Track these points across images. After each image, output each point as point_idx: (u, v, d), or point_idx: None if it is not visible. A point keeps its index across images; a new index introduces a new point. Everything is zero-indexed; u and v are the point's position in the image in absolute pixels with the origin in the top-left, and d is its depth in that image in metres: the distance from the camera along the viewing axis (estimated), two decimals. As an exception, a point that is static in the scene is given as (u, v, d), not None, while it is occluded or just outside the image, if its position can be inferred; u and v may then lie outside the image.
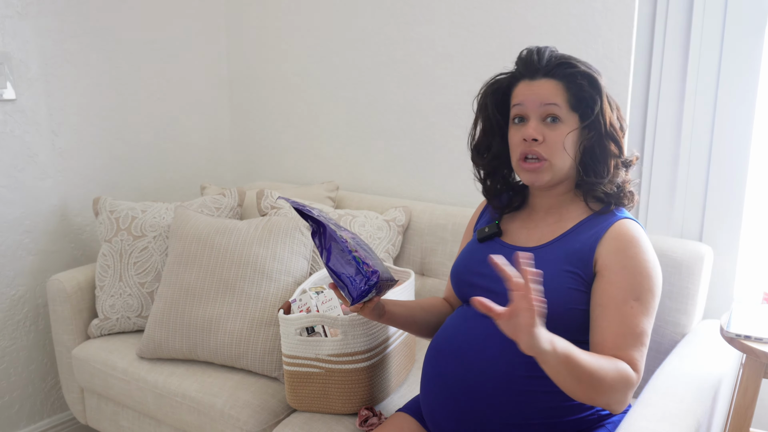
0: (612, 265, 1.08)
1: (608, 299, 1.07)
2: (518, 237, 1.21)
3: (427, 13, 1.97)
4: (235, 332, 1.59)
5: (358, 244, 1.14)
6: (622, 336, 1.05)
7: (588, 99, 1.11)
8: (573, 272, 1.10)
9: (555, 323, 1.07)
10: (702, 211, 1.64)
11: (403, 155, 2.12)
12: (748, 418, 1.26)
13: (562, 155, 1.12)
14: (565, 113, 1.11)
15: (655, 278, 1.09)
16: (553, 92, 1.11)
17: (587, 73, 1.11)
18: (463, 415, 1.13)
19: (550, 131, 1.11)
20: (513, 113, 1.16)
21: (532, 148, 1.12)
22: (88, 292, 1.88)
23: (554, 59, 1.13)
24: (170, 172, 2.38)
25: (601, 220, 1.14)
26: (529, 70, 1.14)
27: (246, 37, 2.43)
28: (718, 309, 1.64)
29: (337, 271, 1.12)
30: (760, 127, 1.56)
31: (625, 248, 1.09)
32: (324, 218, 1.14)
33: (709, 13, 1.55)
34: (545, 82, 1.12)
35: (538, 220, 1.21)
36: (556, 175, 1.14)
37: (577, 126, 1.12)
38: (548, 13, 1.75)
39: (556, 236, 1.16)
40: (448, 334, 1.19)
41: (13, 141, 1.90)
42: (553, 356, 0.93)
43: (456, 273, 1.26)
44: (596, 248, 1.10)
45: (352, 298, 1.11)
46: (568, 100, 1.11)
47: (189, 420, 1.59)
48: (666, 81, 1.63)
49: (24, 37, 1.89)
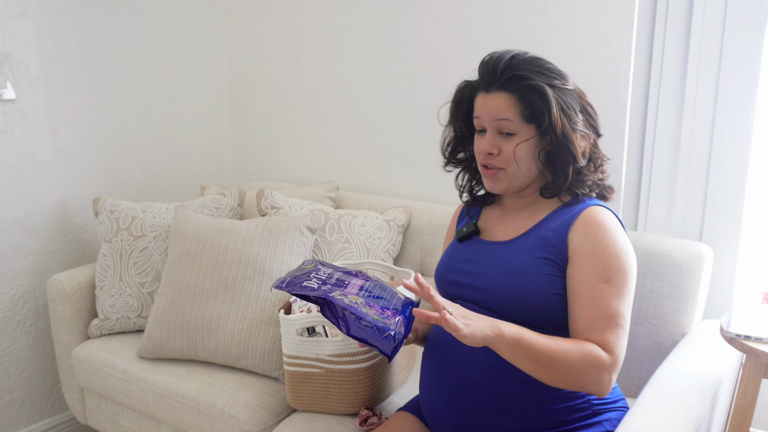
0: (581, 250, 1.11)
1: (579, 283, 1.10)
2: (495, 233, 1.26)
3: (427, 13, 1.97)
4: (236, 332, 1.59)
5: (369, 293, 1.10)
6: (594, 318, 1.08)
7: (537, 111, 1.13)
8: (547, 258, 1.13)
9: (537, 310, 1.12)
10: (702, 211, 1.64)
11: (403, 155, 2.12)
12: (748, 418, 1.26)
13: (514, 166, 1.16)
14: (518, 126, 1.14)
15: (626, 260, 1.12)
16: (505, 107, 1.14)
17: (537, 86, 1.12)
18: (461, 404, 1.16)
19: (504, 143, 1.16)
20: (474, 123, 1.21)
21: (488, 160, 1.18)
22: (88, 292, 1.88)
23: (507, 71, 1.14)
24: (170, 172, 2.38)
25: (573, 209, 1.18)
26: (485, 82, 1.17)
27: (246, 38, 2.43)
28: (718, 309, 1.64)
29: (362, 338, 1.06)
30: (760, 127, 1.56)
31: (594, 233, 1.12)
32: (326, 288, 1.09)
33: (709, 13, 1.55)
34: (498, 96, 1.15)
35: (512, 216, 1.25)
36: (513, 182, 1.19)
37: (533, 135, 1.15)
38: (548, 13, 1.75)
39: (530, 227, 1.20)
40: (441, 332, 1.22)
41: (13, 141, 1.90)
42: (501, 342, 1.01)
43: (439, 273, 1.29)
44: (568, 234, 1.14)
45: (389, 356, 1.06)
46: (521, 113, 1.14)
47: (189, 420, 1.59)
48: (666, 81, 1.63)
49: (24, 37, 1.89)
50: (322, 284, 1.11)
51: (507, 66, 1.15)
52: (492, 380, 1.13)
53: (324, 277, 1.14)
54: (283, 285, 1.11)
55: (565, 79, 1.16)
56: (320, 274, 1.15)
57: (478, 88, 1.19)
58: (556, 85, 1.14)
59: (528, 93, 1.13)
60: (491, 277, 1.16)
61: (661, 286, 1.52)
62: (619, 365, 1.08)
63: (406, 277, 1.58)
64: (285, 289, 1.10)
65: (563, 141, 1.14)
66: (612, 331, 1.07)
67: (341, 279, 1.15)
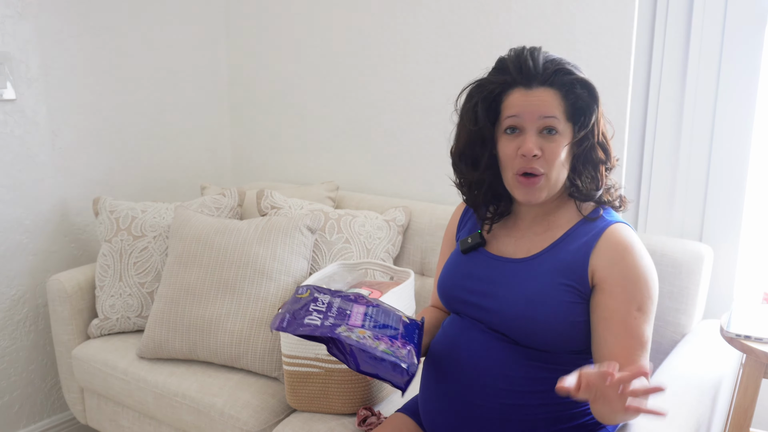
0: (610, 278, 1.05)
1: (611, 313, 1.04)
2: (505, 248, 1.16)
3: (427, 13, 1.97)
4: (235, 332, 1.59)
5: (374, 322, 1.04)
6: (631, 348, 1.03)
7: (585, 109, 1.06)
8: (568, 285, 1.06)
9: (557, 338, 1.07)
10: (702, 211, 1.64)
11: (403, 155, 2.12)
12: (748, 418, 1.26)
13: (560, 169, 1.07)
14: (562, 125, 1.05)
15: (653, 282, 1.07)
16: (553, 103, 1.05)
17: (585, 81, 1.06)
18: (464, 426, 1.12)
19: (547, 144, 1.05)
20: (506, 124, 1.08)
21: (531, 164, 1.05)
22: (88, 292, 1.88)
23: (551, 65, 1.06)
24: (170, 172, 2.38)
25: (592, 227, 1.09)
26: (525, 77, 1.06)
27: (246, 38, 2.43)
28: (718, 309, 1.64)
29: (373, 373, 1.01)
30: (760, 127, 1.56)
31: (622, 258, 1.05)
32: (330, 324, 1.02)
33: (709, 13, 1.55)
34: (543, 91, 1.05)
35: (524, 229, 1.15)
36: (552, 190, 1.08)
37: (572, 136, 1.07)
38: (548, 13, 1.75)
39: (546, 246, 1.11)
40: (446, 347, 1.17)
41: (13, 141, 1.90)
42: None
43: (443, 288, 1.21)
44: (590, 259, 1.06)
45: (402, 389, 1.00)
46: (565, 110, 1.05)
47: (189, 420, 1.59)
48: (666, 81, 1.63)
49: (24, 37, 1.89)
50: (324, 318, 1.04)
51: (546, 59, 1.06)
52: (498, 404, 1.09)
53: (324, 309, 1.07)
54: (284, 325, 1.02)
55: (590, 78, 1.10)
56: (318, 304, 1.08)
57: (513, 84, 1.08)
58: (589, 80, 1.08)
59: (575, 88, 1.05)
60: (504, 301, 1.09)
61: (661, 286, 1.51)
62: None
63: (406, 277, 1.58)
64: (287, 330, 1.01)
65: (602, 140, 1.08)
66: (645, 355, 1.05)
67: (342, 308, 1.08)
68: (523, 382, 1.08)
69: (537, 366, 1.08)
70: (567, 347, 1.08)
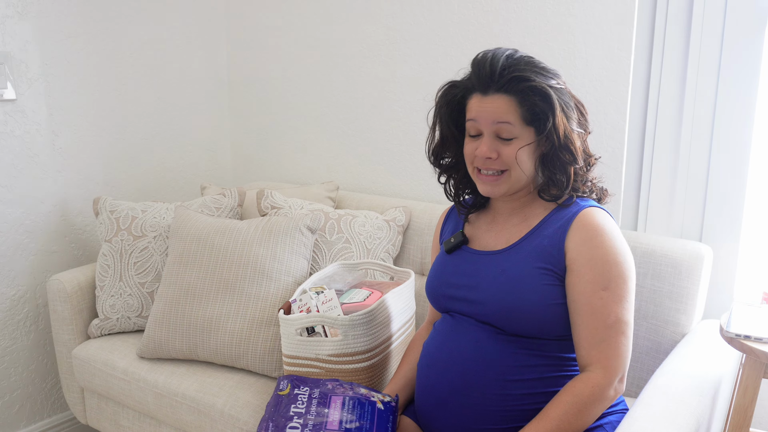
0: (579, 258, 1.08)
1: (578, 294, 1.08)
2: (486, 242, 1.21)
3: (427, 13, 1.97)
4: (236, 332, 1.59)
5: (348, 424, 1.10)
6: (595, 329, 1.06)
7: (540, 114, 1.09)
8: (545, 268, 1.10)
9: (536, 322, 1.09)
10: (702, 211, 1.64)
11: (403, 155, 2.12)
12: (748, 418, 1.26)
13: (517, 169, 1.12)
14: (519, 129, 1.10)
15: (624, 263, 1.09)
16: (506, 110, 1.09)
17: (539, 88, 1.08)
18: (459, 422, 1.13)
19: (503, 147, 1.11)
20: (467, 126, 1.15)
21: (486, 165, 1.12)
22: (89, 292, 1.88)
23: (507, 72, 1.09)
24: (170, 172, 2.38)
25: (566, 212, 1.14)
26: (482, 83, 1.11)
27: (246, 38, 2.43)
28: (718, 309, 1.64)
29: None
30: (760, 127, 1.56)
31: (591, 238, 1.09)
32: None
33: (709, 14, 1.55)
34: (497, 98, 1.09)
35: (503, 222, 1.20)
36: (513, 185, 1.14)
37: (533, 139, 1.11)
38: (548, 13, 1.75)
39: (524, 235, 1.16)
40: (438, 346, 1.20)
41: (13, 141, 1.90)
42: None
43: (431, 288, 1.25)
44: (564, 241, 1.10)
45: None
46: (522, 116, 1.09)
47: (189, 420, 1.59)
48: (666, 81, 1.63)
49: (24, 37, 1.89)
50: (303, 426, 1.09)
51: (505, 67, 1.09)
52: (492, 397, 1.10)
53: (303, 410, 1.12)
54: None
55: (560, 78, 1.13)
56: (299, 405, 1.13)
57: (473, 89, 1.13)
58: (553, 85, 1.10)
59: (529, 95, 1.08)
60: (487, 290, 1.13)
61: (661, 286, 1.52)
62: (619, 373, 1.07)
63: (406, 277, 1.58)
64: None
65: (565, 142, 1.10)
66: (612, 340, 1.06)
67: (320, 411, 1.12)
68: (513, 370, 1.10)
69: (525, 353, 1.11)
70: (551, 332, 1.11)
